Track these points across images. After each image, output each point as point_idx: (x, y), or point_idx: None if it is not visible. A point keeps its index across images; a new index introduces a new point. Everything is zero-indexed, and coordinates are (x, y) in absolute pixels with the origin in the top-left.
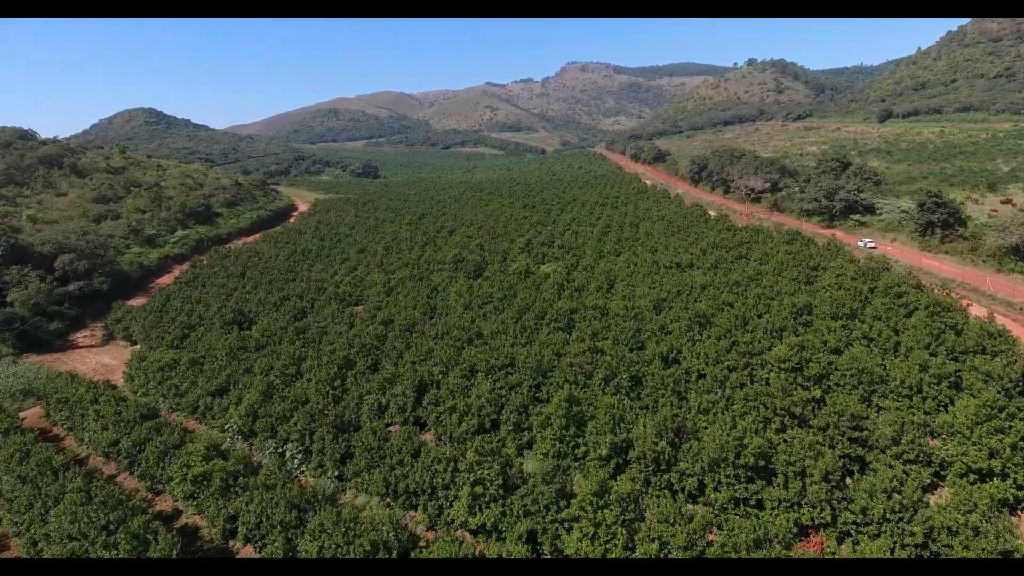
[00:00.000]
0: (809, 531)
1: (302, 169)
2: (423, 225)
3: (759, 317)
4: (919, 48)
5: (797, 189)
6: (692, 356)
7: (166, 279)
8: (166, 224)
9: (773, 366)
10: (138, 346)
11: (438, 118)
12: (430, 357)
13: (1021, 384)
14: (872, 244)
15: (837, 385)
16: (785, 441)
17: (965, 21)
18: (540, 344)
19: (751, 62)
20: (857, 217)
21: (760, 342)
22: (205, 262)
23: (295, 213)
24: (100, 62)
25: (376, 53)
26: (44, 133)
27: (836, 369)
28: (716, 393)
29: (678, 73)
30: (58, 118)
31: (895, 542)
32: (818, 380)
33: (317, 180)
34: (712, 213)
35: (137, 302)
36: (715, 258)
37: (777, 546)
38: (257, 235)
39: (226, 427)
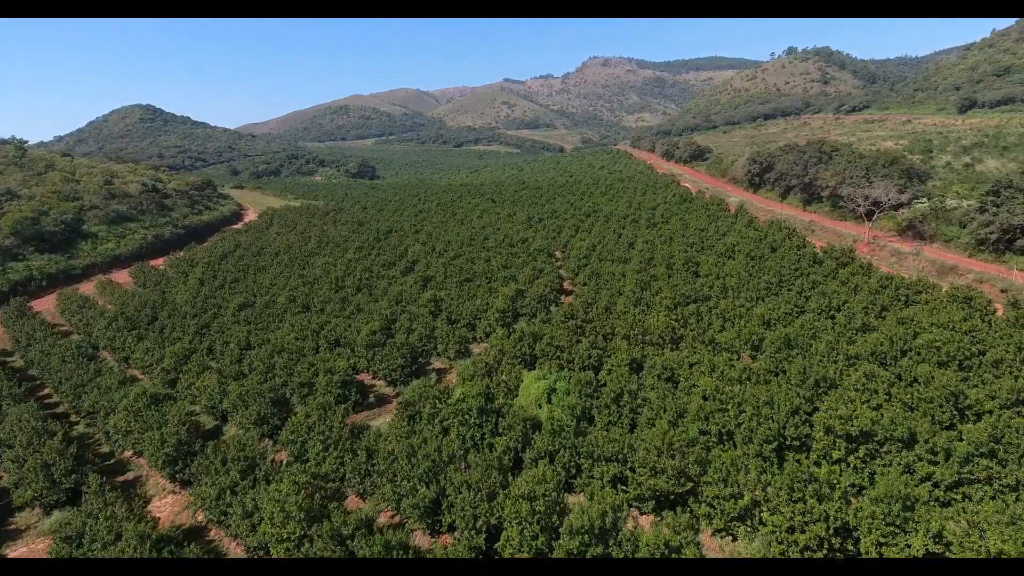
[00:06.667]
0: None
1: (294, 169)
2: (376, 252)
3: None
4: (994, 29)
5: (975, 205)
6: None
7: None
8: None
9: None
10: None
11: (453, 115)
12: None
13: None
14: None
15: None
16: None
17: None
18: None
19: (791, 51)
20: None
21: None
22: None
23: (231, 227)
24: (115, 62)
25: (394, 51)
26: (51, 133)
27: None
28: None
29: (705, 67)
30: (82, 117)
31: None
32: None
33: (306, 182)
34: (814, 241)
35: None
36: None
37: None
38: (131, 267)
39: None
